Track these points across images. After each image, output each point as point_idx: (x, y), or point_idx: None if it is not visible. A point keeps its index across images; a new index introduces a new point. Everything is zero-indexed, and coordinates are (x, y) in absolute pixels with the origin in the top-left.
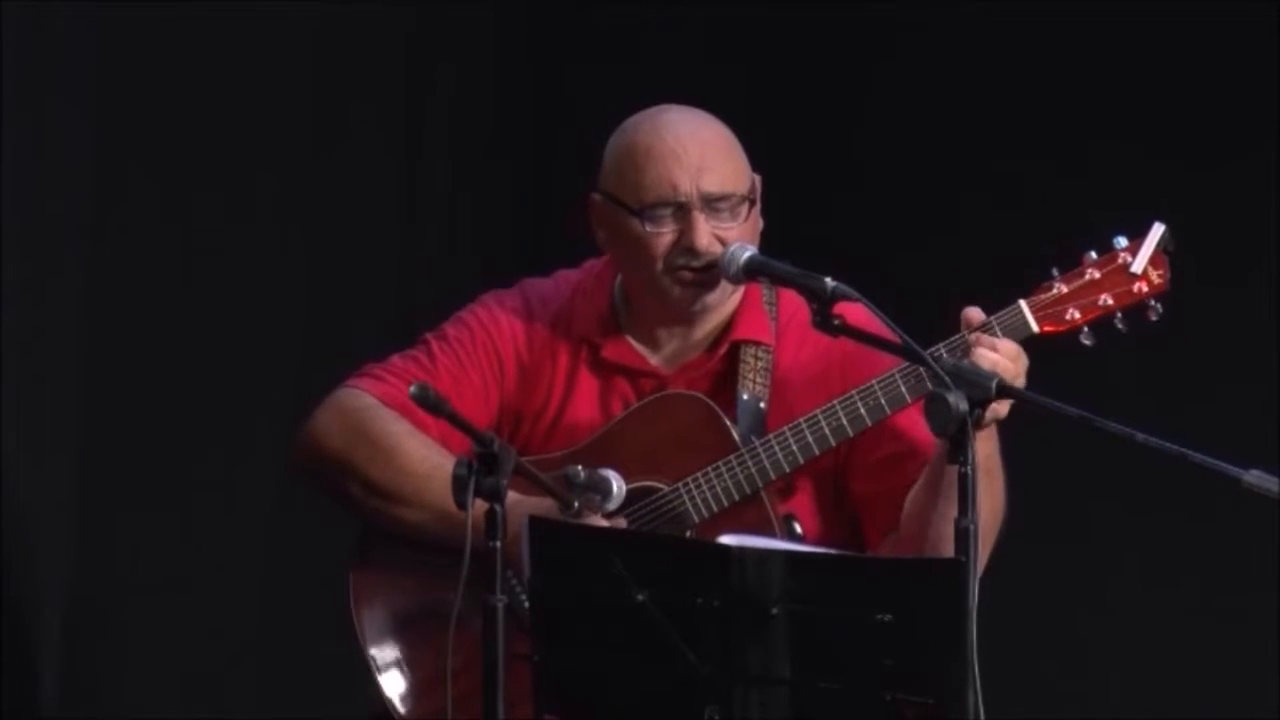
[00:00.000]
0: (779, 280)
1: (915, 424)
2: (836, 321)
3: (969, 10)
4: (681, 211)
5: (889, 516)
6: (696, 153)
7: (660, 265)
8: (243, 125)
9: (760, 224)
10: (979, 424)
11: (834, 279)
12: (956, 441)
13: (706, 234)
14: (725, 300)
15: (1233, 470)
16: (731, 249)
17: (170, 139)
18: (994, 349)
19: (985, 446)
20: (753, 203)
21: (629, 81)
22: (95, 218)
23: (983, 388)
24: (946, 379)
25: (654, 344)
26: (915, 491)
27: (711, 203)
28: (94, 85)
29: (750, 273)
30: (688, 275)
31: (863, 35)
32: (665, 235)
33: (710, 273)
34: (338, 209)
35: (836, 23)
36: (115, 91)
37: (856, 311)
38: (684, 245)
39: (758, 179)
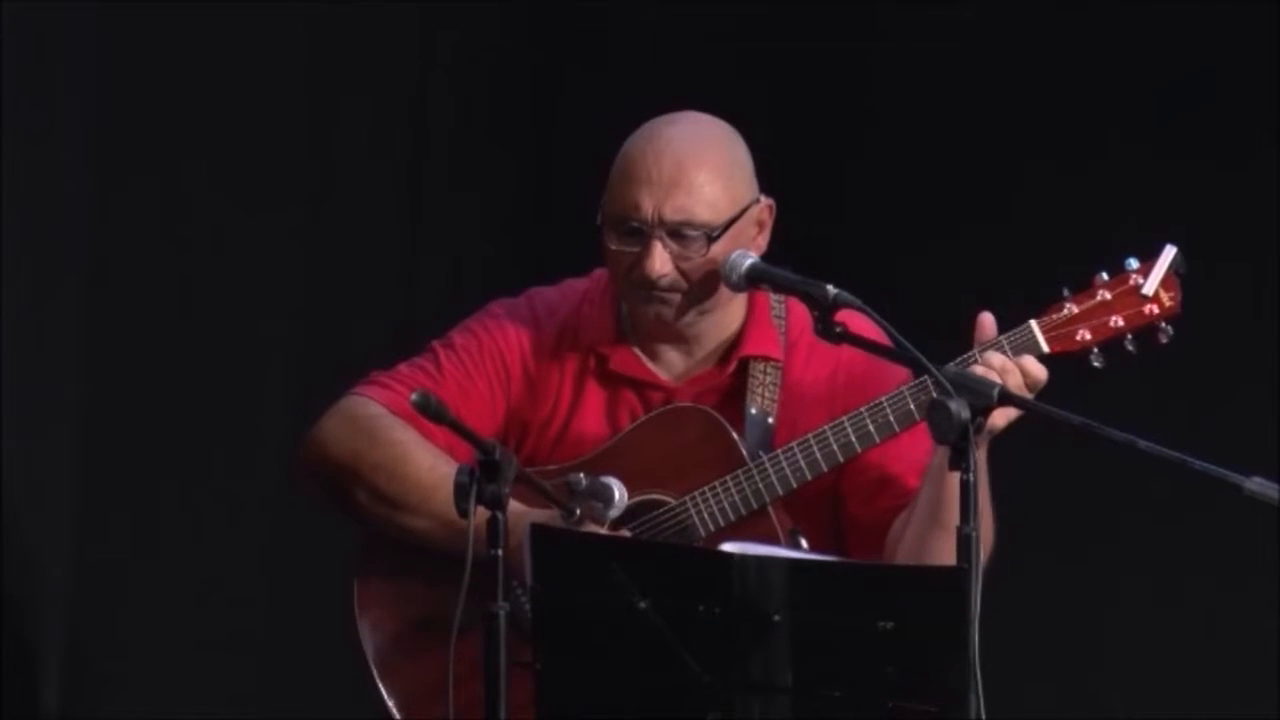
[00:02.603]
0: (780, 288)
1: (908, 449)
2: (838, 329)
3: (978, 18)
4: (641, 234)
5: (873, 541)
6: (670, 176)
7: (623, 282)
8: (243, 127)
9: (762, 248)
10: (980, 431)
11: (837, 287)
12: (958, 449)
13: (660, 260)
14: (691, 323)
15: (1234, 477)
16: (732, 257)
17: (171, 140)
18: (1004, 370)
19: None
20: (711, 239)
21: (630, 84)
22: (95, 220)
23: (985, 395)
24: (949, 386)
25: (660, 356)
26: (909, 516)
27: (674, 230)
28: (94, 84)
29: (752, 280)
30: (651, 294)
31: (869, 41)
32: (625, 253)
33: (675, 298)
34: (339, 211)
35: (842, 26)
36: (115, 90)
37: (859, 320)
38: (642, 268)
39: (766, 204)
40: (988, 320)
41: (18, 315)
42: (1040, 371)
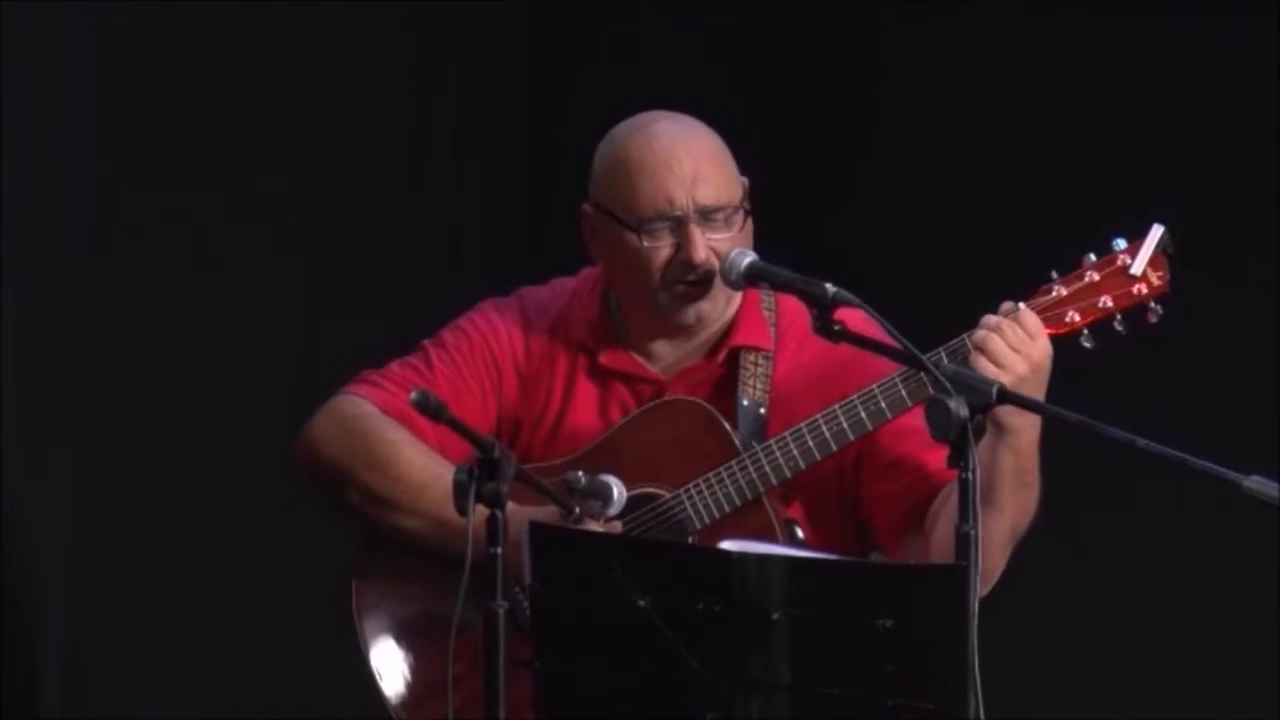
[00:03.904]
0: (779, 286)
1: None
2: (837, 327)
3: (973, 13)
4: (677, 225)
5: (907, 515)
6: (690, 165)
7: (657, 280)
8: (243, 128)
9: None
10: (980, 430)
11: (835, 284)
12: (957, 447)
13: (703, 247)
14: (720, 311)
15: (1232, 475)
16: (732, 255)
17: (171, 142)
18: (997, 361)
19: (1024, 460)
20: (748, 212)
21: (629, 83)
22: (96, 223)
23: (983, 393)
24: (947, 385)
25: (651, 350)
26: (949, 493)
27: (707, 214)
28: (95, 86)
29: (751, 279)
30: (682, 289)
31: (865, 40)
32: (662, 249)
33: (704, 284)
34: (338, 212)
35: (839, 23)
36: (116, 93)
37: (857, 317)
38: (681, 259)
39: (745, 182)
40: (1008, 307)
41: (19, 316)
42: (1034, 320)
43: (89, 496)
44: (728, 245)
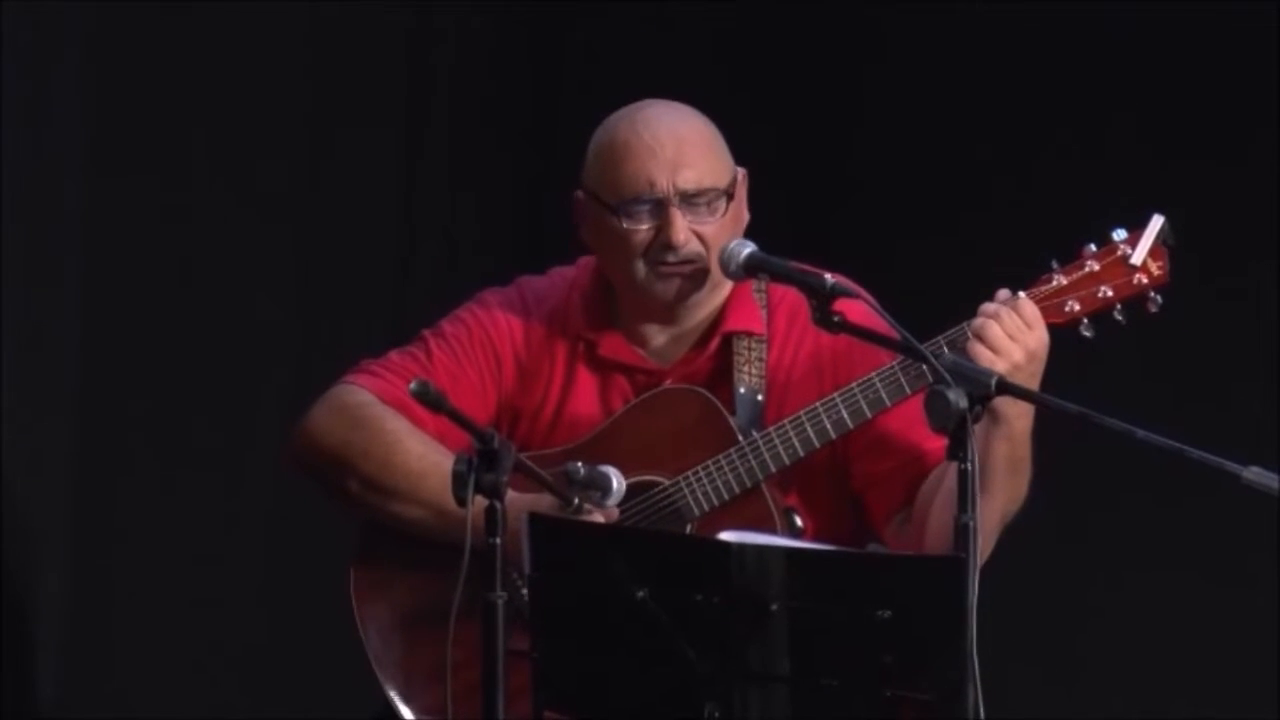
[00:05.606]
0: (779, 277)
1: (913, 407)
2: (836, 319)
3: (974, 4)
4: (658, 208)
5: (896, 495)
6: (673, 148)
7: (640, 262)
8: (241, 123)
9: (746, 217)
10: (979, 420)
11: (834, 275)
12: (956, 438)
13: (683, 230)
14: (711, 297)
15: (1232, 467)
16: (731, 246)
17: (167, 136)
18: (994, 348)
19: (1018, 448)
20: (731, 197)
21: (628, 80)
22: (92, 218)
23: (982, 384)
24: (946, 376)
25: (647, 339)
26: (940, 478)
27: (689, 199)
28: (91, 83)
29: (750, 269)
30: (668, 270)
31: (863, 29)
32: (642, 232)
33: (694, 268)
34: (336, 205)
35: (837, 16)
36: (111, 89)
37: (856, 308)
38: (661, 241)
39: (741, 173)
40: (1004, 295)
41: (17, 313)
42: (1031, 308)
43: (87, 496)
44: (711, 231)
